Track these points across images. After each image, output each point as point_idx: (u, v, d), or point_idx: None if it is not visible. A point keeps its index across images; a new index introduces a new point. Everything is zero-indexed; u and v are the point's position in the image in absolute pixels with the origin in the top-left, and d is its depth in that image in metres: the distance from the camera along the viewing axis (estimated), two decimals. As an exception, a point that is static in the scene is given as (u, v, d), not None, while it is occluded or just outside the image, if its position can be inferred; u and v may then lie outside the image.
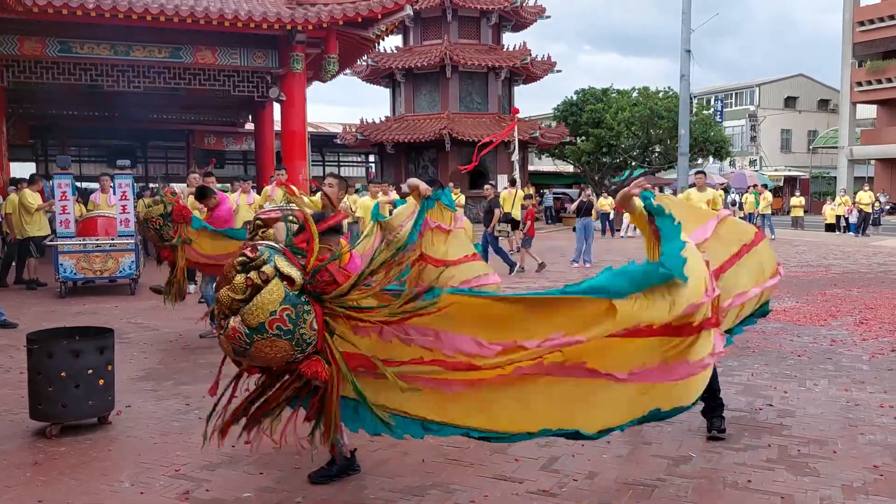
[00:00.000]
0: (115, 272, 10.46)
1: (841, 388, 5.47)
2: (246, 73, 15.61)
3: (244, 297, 2.88)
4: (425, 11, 27.29)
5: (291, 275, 2.92)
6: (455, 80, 27.43)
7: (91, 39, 14.31)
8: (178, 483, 3.78)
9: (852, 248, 18.69)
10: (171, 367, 6.25)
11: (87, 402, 4.52)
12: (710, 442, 4.32)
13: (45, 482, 3.81)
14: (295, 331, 2.89)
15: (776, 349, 6.77)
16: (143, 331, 7.85)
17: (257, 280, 2.88)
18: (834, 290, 10.63)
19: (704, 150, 33.63)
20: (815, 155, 46.92)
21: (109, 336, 4.75)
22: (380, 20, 15.52)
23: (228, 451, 4.21)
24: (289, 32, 14.87)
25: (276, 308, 2.85)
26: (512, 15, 28.59)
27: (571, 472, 3.88)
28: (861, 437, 4.39)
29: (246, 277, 2.89)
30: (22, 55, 14.10)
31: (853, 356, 6.50)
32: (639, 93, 33.57)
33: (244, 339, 2.87)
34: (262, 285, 2.87)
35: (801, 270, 13.33)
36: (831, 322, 8.14)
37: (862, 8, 37.95)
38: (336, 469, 3.78)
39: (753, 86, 50.10)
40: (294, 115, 16.09)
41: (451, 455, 4.13)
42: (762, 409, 4.96)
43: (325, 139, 32.83)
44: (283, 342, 2.89)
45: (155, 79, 15.12)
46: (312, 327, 2.96)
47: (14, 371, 5.96)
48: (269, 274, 2.89)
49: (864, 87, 37.96)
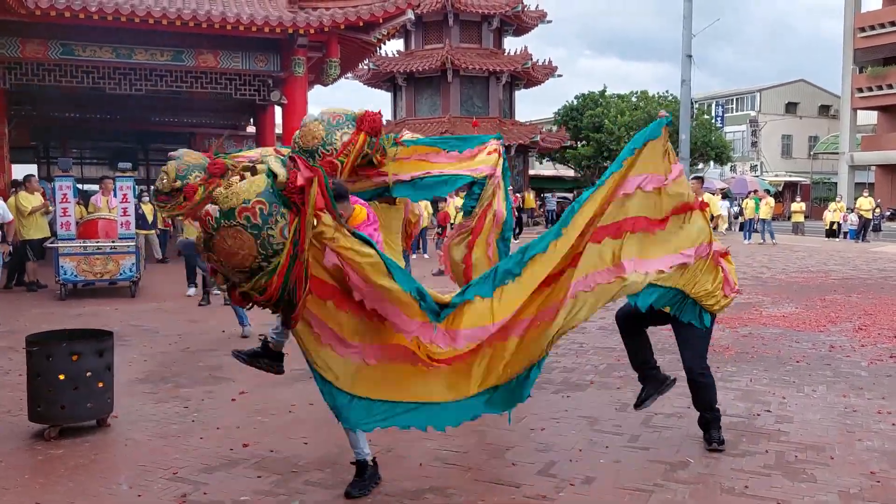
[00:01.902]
0: (116, 274, 10.46)
1: (839, 394, 5.47)
2: (247, 76, 15.65)
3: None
4: (427, 15, 27.34)
5: (278, 172, 2.87)
6: (456, 85, 27.47)
7: (93, 42, 14.35)
8: (175, 486, 3.79)
9: (852, 253, 18.69)
10: (170, 370, 6.26)
11: (85, 405, 4.53)
12: (707, 448, 4.32)
13: (43, 484, 3.82)
14: (263, 228, 2.83)
15: (775, 355, 6.77)
16: (143, 333, 7.86)
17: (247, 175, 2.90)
18: (833, 296, 10.63)
19: (705, 155, 33.67)
20: (816, 160, 46.93)
21: (109, 338, 4.76)
22: (381, 24, 15.57)
23: (226, 453, 4.23)
24: (290, 36, 14.91)
25: (251, 198, 2.81)
26: (513, 19, 28.64)
27: (568, 477, 3.88)
28: (859, 444, 4.39)
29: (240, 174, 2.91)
30: (24, 57, 14.14)
31: (852, 362, 6.50)
32: (638, 97, 33.63)
33: (212, 222, 2.82)
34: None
35: (800, 276, 13.33)
36: (830, 328, 8.14)
37: (863, 14, 37.98)
38: (367, 476, 3.70)
39: (754, 91, 50.16)
40: (295, 119, 16.06)
41: (448, 459, 4.13)
42: (760, 414, 4.96)
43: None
44: (248, 236, 2.83)
45: (157, 82, 15.15)
46: (283, 234, 2.88)
47: (13, 373, 5.97)
48: (260, 170, 2.90)
49: (865, 94, 37.95)
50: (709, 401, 4.37)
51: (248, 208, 2.81)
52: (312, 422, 4.76)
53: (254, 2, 15.52)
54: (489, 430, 4.59)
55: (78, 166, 26.90)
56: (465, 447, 4.30)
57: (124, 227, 10.64)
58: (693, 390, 4.41)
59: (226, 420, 4.85)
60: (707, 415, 4.39)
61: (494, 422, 4.77)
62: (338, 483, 3.80)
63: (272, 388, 5.50)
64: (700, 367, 4.30)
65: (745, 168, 46.81)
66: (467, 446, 4.32)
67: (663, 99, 33.63)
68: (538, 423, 4.76)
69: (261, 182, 2.85)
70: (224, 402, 5.28)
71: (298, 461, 4.11)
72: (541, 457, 4.18)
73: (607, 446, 4.36)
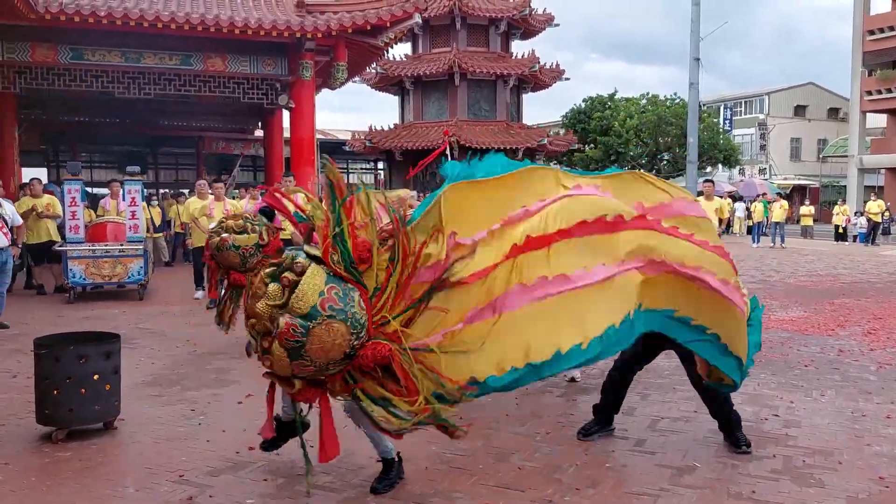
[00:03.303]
0: (124, 278, 10.50)
1: (848, 398, 5.44)
2: (255, 80, 15.69)
3: (284, 301, 2.79)
4: (434, 19, 27.34)
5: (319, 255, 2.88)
6: (463, 88, 27.44)
7: (102, 46, 14.42)
8: (182, 488, 3.80)
9: (861, 257, 18.59)
10: (177, 373, 6.28)
11: (93, 407, 4.55)
12: (714, 452, 4.30)
13: (50, 486, 3.83)
14: (347, 309, 2.81)
15: (783, 359, 6.74)
16: (150, 336, 7.89)
17: (293, 277, 2.81)
18: (842, 300, 10.57)
19: (713, 157, 33.59)
20: (825, 164, 46.72)
21: (116, 341, 4.78)
22: (388, 28, 15.58)
23: (232, 457, 4.24)
24: (298, 40, 14.95)
25: (324, 288, 2.78)
26: (521, 23, 28.61)
27: (574, 482, 3.87)
28: (867, 449, 4.36)
29: (282, 278, 2.82)
30: (34, 62, 14.22)
31: (861, 366, 6.46)
32: (647, 100, 33.58)
33: (299, 330, 2.75)
34: (299, 279, 2.80)
35: (809, 280, 13.26)
36: (839, 332, 8.10)
37: (872, 17, 37.78)
38: (393, 472, 3.77)
39: (763, 94, 50.00)
40: (303, 122, 16.16)
41: (453, 463, 4.13)
42: (768, 419, 4.94)
43: (333, 146, 32.92)
44: (339, 324, 2.79)
45: (165, 86, 15.21)
46: (361, 306, 2.88)
47: (21, 376, 6.00)
48: (305, 264, 2.83)
49: (875, 96, 37.74)
50: (724, 407, 4.35)
51: (327, 298, 2.78)
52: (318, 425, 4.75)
53: (262, 6, 15.58)
54: (494, 434, 4.59)
55: (87, 170, 27.03)
56: (471, 451, 4.30)
57: (133, 231, 10.68)
58: (706, 401, 4.40)
59: (232, 423, 4.86)
60: (724, 419, 4.37)
61: (500, 425, 4.77)
62: (344, 486, 3.81)
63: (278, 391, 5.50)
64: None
65: (754, 171, 46.66)
66: (473, 450, 4.32)
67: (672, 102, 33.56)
68: (543, 427, 4.74)
69: (318, 272, 2.83)
70: (231, 405, 5.29)
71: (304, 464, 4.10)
72: (546, 461, 4.17)
73: (613, 450, 4.35)
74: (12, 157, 15.72)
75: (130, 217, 10.73)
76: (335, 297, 2.79)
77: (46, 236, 10.94)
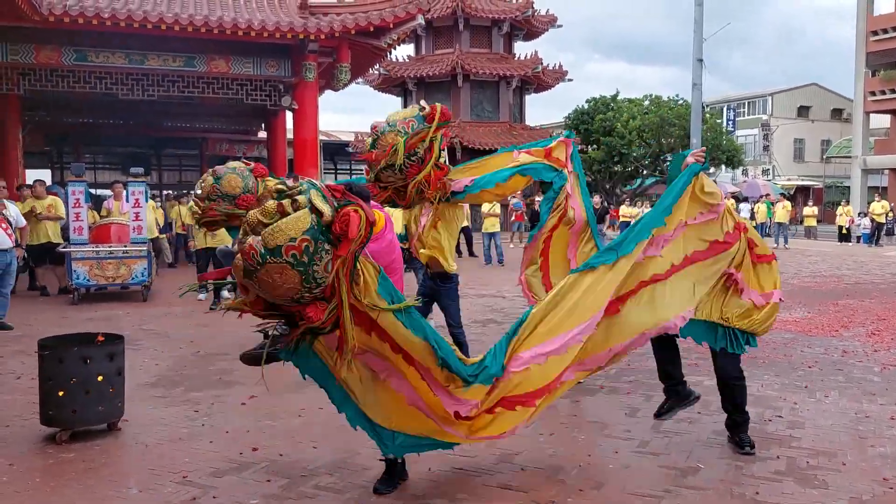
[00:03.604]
0: (128, 279, 10.52)
1: (851, 399, 5.43)
2: (259, 81, 15.72)
3: (271, 222, 2.85)
4: (437, 21, 27.39)
5: (323, 209, 2.88)
6: (466, 89, 27.50)
7: (106, 48, 14.47)
8: (185, 489, 3.80)
9: (865, 258, 18.56)
10: (181, 374, 6.29)
11: (96, 408, 4.56)
12: (718, 453, 4.30)
13: (54, 487, 3.84)
14: (309, 265, 2.85)
15: (786, 360, 6.73)
16: (154, 337, 7.90)
17: (288, 208, 2.85)
18: (846, 301, 10.55)
19: (716, 158, 33.53)
20: (829, 164, 46.63)
21: (120, 342, 4.79)
22: (392, 29, 15.60)
23: (236, 457, 4.24)
24: (301, 42, 14.98)
25: (297, 236, 2.81)
26: (523, 24, 28.65)
27: (578, 483, 3.87)
28: (871, 450, 4.36)
29: (278, 203, 2.86)
30: (38, 64, 14.27)
31: (864, 367, 6.45)
32: (650, 101, 33.54)
33: (257, 257, 2.82)
34: (290, 213, 2.85)
35: (813, 281, 13.24)
36: (843, 333, 8.08)
37: (875, 17, 37.73)
38: (396, 473, 3.78)
39: (766, 95, 49.93)
40: (306, 124, 16.18)
41: (457, 464, 4.13)
42: (771, 420, 4.93)
43: (337, 147, 32.98)
44: (293, 272, 2.84)
45: (169, 87, 15.26)
46: (326, 269, 2.91)
47: (25, 377, 6.01)
48: (302, 203, 2.87)
49: (878, 97, 37.69)
50: (740, 402, 4.36)
51: (293, 246, 2.81)
52: (322, 426, 4.77)
53: (265, 7, 15.62)
54: (498, 435, 4.58)
55: (91, 171, 27.10)
56: (475, 452, 4.30)
57: (136, 232, 10.70)
58: (725, 392, 4.39)
59: (235, 424, 4.87)
60: (737, 417, 4.37)
61: (503, 427, 4.76)
62: (347, 487, 3.81)
63: (282, 392, 5.51)
64: (736, 371, 4.31)
65: (757, 172, 46.59)
66: (476, 451, 4.31)
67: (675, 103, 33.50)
68: (547, 429, 4.74)
69: (305, 219, 2.84)
70: (234, 406, 5.30)
71: (308, 465, 4.11)
72: (550, 462, 4.17)
73: (617, 452, 4.35)
74: (16, 158, 15.78)
75: (134, 218, 10.75)
76: (303, 248, 2.82)
77: (46, 238, 10.92)
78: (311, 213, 2.87)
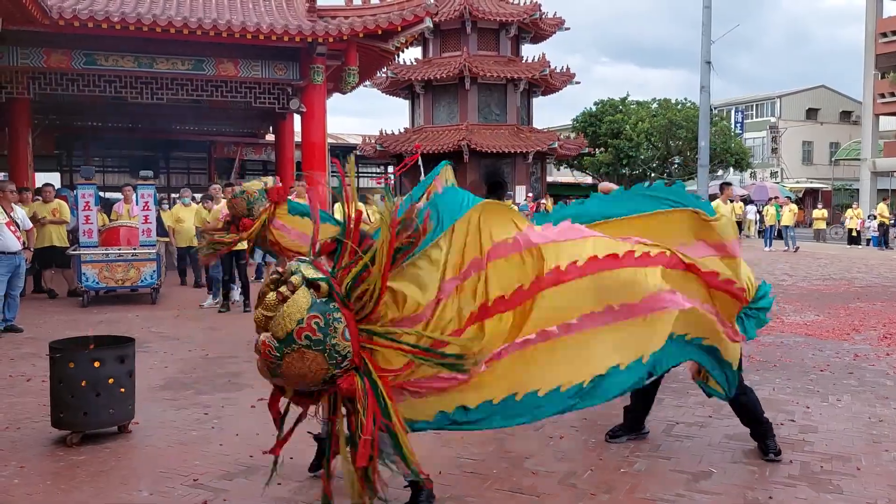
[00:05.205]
0: (137, 281, 10.55)
1: (864, 403, 5.38)
2: (267, 84, 15.77)
3: (276, 314, 2.78)
4: (445, 24, 27.38)
5: (319, 282, 2.83)
6: (474, 92, 27.46)
7: (115, 52, 14.53)
8: (195, 492, 3.80)
9: (875, 261, 18.44)
10: (191, 377, 6.29)
11: (107, 411, 4.56)
12: (730, 457, 4.27)
13: (65, 490, 3.84)
14: (326, 340, 2.76)
15: (798, 363, 6.69)
16: (164, 340, 7.91)
17: (286, 292, 2.79)
18: (857, 304, 10.48)
19: (724, 161, 33.45)
20: (838, 167, 46.39)
21: (130, 345, 4.79)
22: (399, 32, 15.62)
23: (246, 461, 4.24)
24: (310, 45, 15.01)
25: (304, 316, 2.74)
26: (531, 27, 28.61)
27: (589, 487, 3.84)
28: (885, 454, 4.32)
29: (277, 293, 2.81)
30: (48, 67, 14.34)
31: (877, 371, 6.40)
32: (658, 104, 33.49)
33: (274, 353, 2.75)
34: (290, 296, 2.79)
35: (823, 284, 13.17)
36: (854, 336, 8.03)
37: (884, 19, 37.56)
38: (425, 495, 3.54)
39: (774, 97, 49.74)
40: (314, 127, 16.22)
41: (467, 467, 4.11)
42: (784, 424, 4.89)
43: (344, 150, 33.04)
44: (314, 353, 2.75)
45: (178, 90, 15.31)
46: (345, 337, 2.82)
47: (36, 380, 6.03)
48: (297, 283, 2.81)
49: (887, 99, 37.51)
50: (755, 415, 4.31)
51: (304, 327, 2.74)
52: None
53: (273, 11, 15.67)
54: (508, 439, 4.56)
55: (100, 174, 27.19)
56: (484, 455, 4.28)
57: (145, 235, 10.73)
58: (735, 410, 4.35)
59: (245, 427, 4.86)
60: (758, 427, 4.32)
61: (513, 430, 4.73)
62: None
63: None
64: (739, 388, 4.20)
65: (766, 174, 46.43)
66: (486, 454, 4.30)
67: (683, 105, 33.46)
68: (558, 432, 4.72)
69: (305, 296, 2.78)
70: (244, 409, 5.29)
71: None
72: (561, 466, 4.15)
73: (628, 455, 4.32)
74: (26, 161, 15.85)
75: (143, 221, 10.78)
76: (314, 326, 2.75)
77: (49, 241, 10.91)
78: (308, 288, 2.82)
